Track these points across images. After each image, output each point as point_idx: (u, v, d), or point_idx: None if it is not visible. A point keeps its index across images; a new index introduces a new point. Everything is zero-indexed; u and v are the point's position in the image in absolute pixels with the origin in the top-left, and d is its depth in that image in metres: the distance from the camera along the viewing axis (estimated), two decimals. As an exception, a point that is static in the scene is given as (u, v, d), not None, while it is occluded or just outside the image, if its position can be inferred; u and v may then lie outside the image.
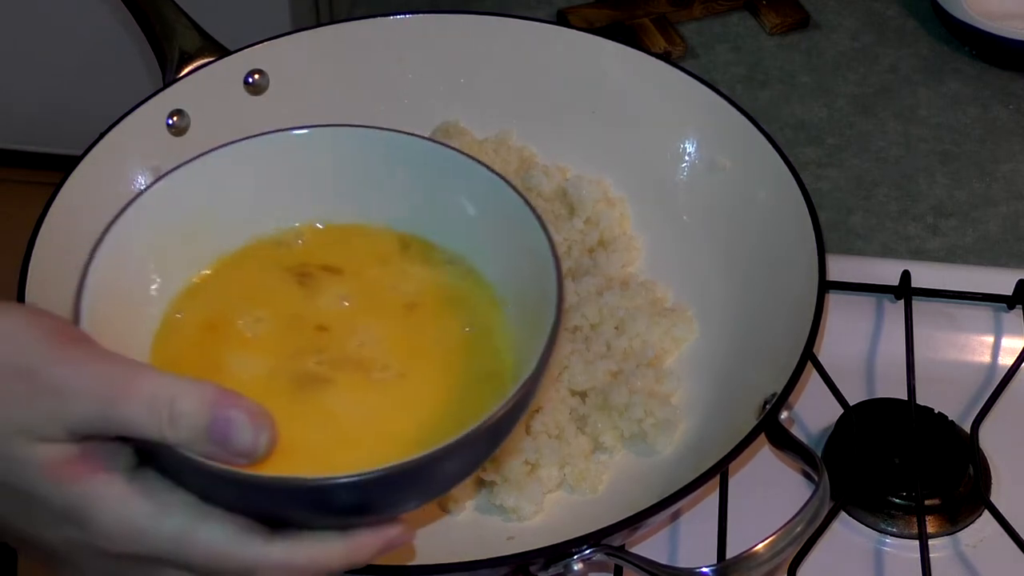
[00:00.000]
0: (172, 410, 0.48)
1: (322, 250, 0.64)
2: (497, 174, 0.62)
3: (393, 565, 0.62)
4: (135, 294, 0.59)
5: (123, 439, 0.51)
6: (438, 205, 0.64)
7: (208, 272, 0.62)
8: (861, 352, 0.84)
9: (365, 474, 0.50)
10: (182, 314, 0.60)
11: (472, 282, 0.63)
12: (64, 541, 0.51)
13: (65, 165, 0.78)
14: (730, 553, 0.70)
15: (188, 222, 0.61)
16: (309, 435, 0.56)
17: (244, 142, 0.63)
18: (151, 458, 0.51)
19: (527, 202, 0.61)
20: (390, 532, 0.53)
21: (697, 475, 0.66)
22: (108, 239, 0.58)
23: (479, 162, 0.62)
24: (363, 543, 0.52)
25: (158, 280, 0.61)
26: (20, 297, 0.71)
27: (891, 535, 0.75)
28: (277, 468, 0.51)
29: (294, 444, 0.54)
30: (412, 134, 0.64)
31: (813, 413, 0.80)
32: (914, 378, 0.78)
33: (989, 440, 0.78)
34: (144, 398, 0.49)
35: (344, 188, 0.64)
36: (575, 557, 0.63)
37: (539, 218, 0.60)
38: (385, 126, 0.88)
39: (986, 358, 0.84)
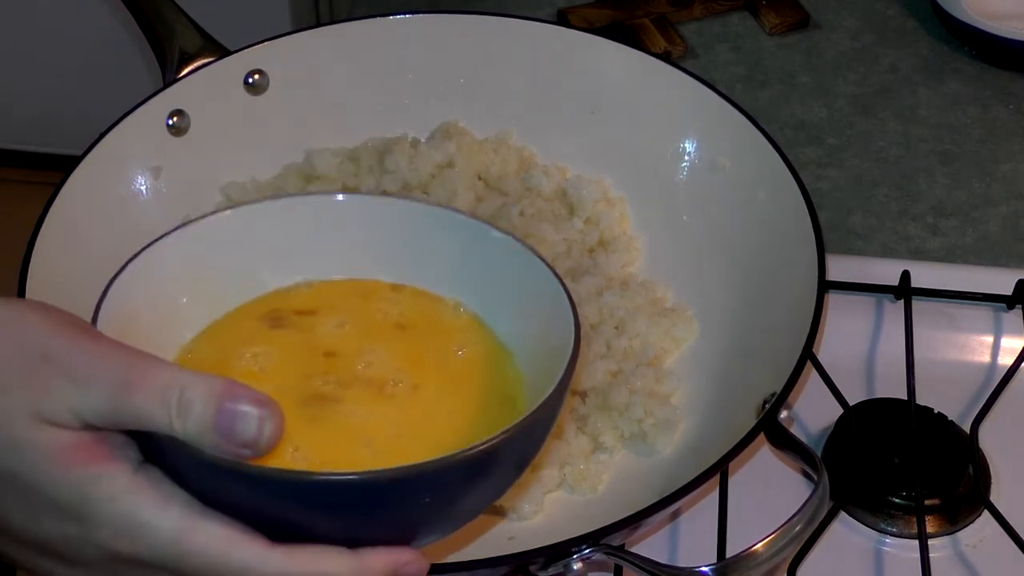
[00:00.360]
0: (181, 399, 0.48)
1: (303, 296, 0.63)
2: (510, 235, 0.62)
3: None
4: (145, 335, 0.59)
5: (130, 435, 0.50)
6: (452, 268, 0.63)
7: (204, 328, 0.61)
8: (861, 352, 0.84)
9: (374, 473, 0.49)
10: (191, 355, 0.60)
11: (467, 317, 0.63)
12: (61, 538, 0.50)
13: (65, 165, 0.78)
14: (730, 552, 0.70)
15: (202, 273, 0.61)
16: (335, 450, 0.55)
17: (274, 201, 0.63)
18: (157, 457, 0.51)
19: (549, 266, 0.60)
20: (402, 556, 0.51)
21: (697, 475, 0.66)
22: (125, 275, 0.57)
23: (498, 229, 0.62)
24: (371, 561, 0.51)
25: (167, 326, 0.60)
26: (20, 296, 0.71)
27: (891, 535, 0.75)
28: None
29: (323, 460, 0.53)
30: (457, 211, 0.64)
31: (813, 413, 0.80)
32: (914, 378, 0.78)
33: (989, 440, 0.78)
34: (155, 388, 0.48)
35: (369, 255, 0.64)
36: (575, 557, 0.63)
37: (557, 276, 0.60)
38: (385, 127, 0.89)
39: (986, 358, 0.84)
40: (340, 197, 0.64)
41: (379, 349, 0.60)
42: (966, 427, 0.78)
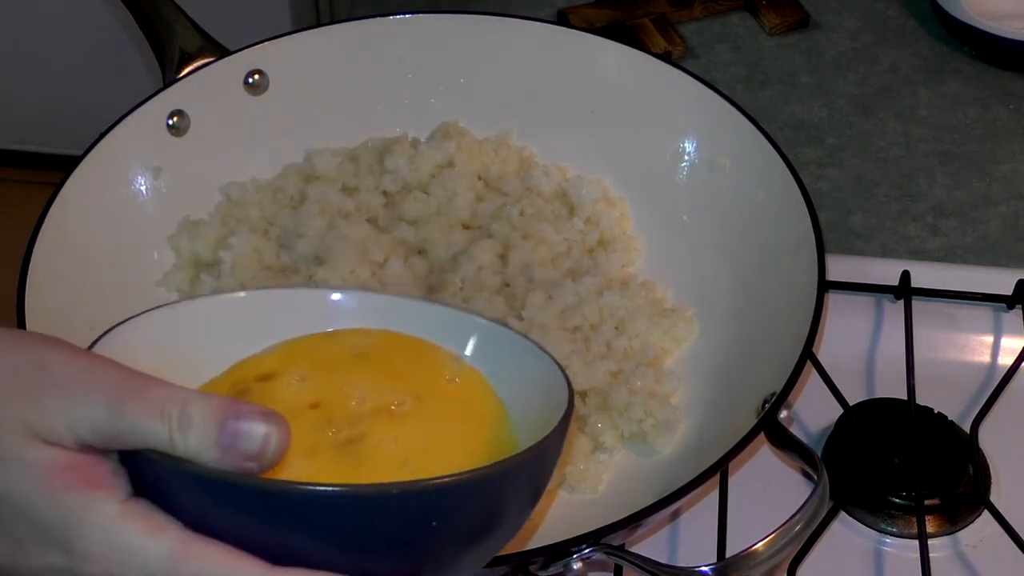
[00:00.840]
0: (183, 413, 0.47)
1: (269, 358, 0.59)
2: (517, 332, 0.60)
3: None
4: None
5: (121, 463, 0.49)
6: (444, 339, 0.61)
7: None
8: (861, 352, 0.84)
9: (385, 486, 0.47)
10: None
11: (465, 365, 0.59)
12: (44, 568, 0.48)
13: (65, 165, 0.78)
14: (730, 552, 0.70)
15: (173, 354, 0.57)
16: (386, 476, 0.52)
17: (274, 291, 0.61)
18: (148, 487, 0.49)
19: (535, 343, 0.59)
20: None
21: (697, 475, 0.66)
22: (118, 335, 0.54)
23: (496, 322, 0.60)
24: None
25: None
26: (20, 296, 0.71)
27: (891, 535, 0.75)
28: None
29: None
30: (445, 306, 0.61)
31: (813, 413, 0.80)
32: (914, 378, 0.78)
33: (989, 440, 0.78)
34: (155, 402, 0.47)
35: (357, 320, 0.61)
36: (575, 556, 0.63)
37: (544, 349, 0.58)
38: (385, 127, 0.89)
39: (986, 358, 0.84)
40: (336, 296, 0.61)
41: (357, 381, 0.57)
42: (966, 427, 0.78)
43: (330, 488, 0.47)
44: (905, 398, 0.78)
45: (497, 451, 0.55)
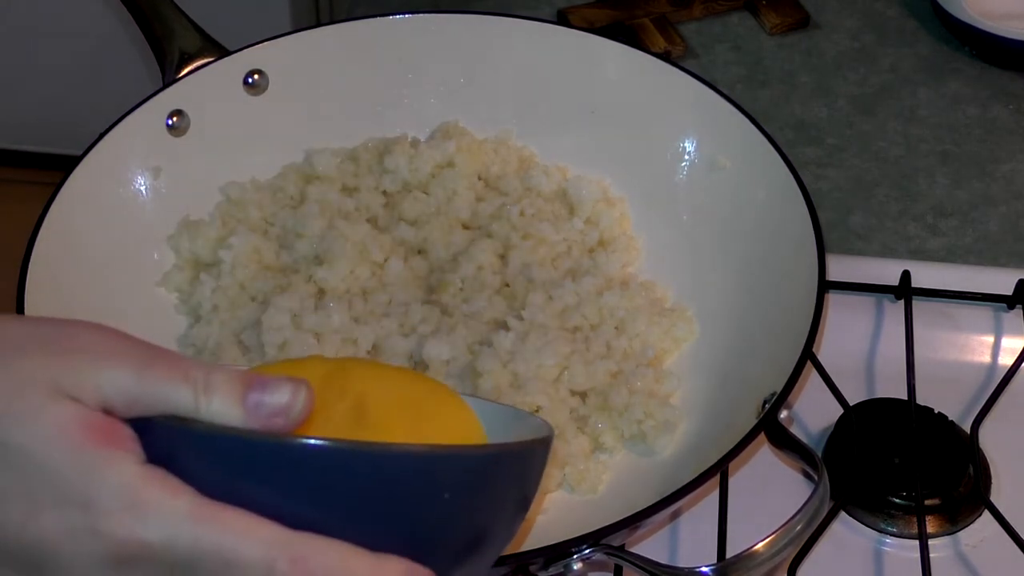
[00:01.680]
0: (208, 378, 0.48)
1: None
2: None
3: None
4: None
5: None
6: None
7: None
8: (861, 352, 0.84)
9: (408, 447, 0.47)
10: None
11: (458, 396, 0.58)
12: (61, 530, 0.48)
13: (65, 165, 0.78)
14: (730, 552, 0.70)
15: None
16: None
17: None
18: (161, 459, 0.48)
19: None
20: (421, 571, 0.49)
21: (697, 475, 0.66)
22: None
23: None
24: (391, 567, 0.48)
25: None
26: (20, 296, 0.71)
27: (891, 535, 0.75)
28: None
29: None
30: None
31: (813, 413, 0.80)
32: (914, 378, 0.78)
33: (989, 440, 0.78)
34: (180, 367, 0.48)
35: None
36: (575, 557, 0.63)
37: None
38: (385, 127, 0.89)
39: (986, 358, 0.84)
40: None
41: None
42: (966, 427, 0.78)
43: (356, 443, 0.47)
44: (905, 398, 0.78)
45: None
